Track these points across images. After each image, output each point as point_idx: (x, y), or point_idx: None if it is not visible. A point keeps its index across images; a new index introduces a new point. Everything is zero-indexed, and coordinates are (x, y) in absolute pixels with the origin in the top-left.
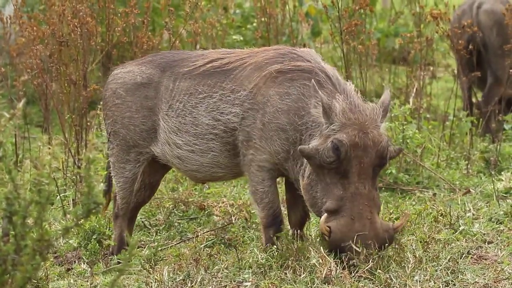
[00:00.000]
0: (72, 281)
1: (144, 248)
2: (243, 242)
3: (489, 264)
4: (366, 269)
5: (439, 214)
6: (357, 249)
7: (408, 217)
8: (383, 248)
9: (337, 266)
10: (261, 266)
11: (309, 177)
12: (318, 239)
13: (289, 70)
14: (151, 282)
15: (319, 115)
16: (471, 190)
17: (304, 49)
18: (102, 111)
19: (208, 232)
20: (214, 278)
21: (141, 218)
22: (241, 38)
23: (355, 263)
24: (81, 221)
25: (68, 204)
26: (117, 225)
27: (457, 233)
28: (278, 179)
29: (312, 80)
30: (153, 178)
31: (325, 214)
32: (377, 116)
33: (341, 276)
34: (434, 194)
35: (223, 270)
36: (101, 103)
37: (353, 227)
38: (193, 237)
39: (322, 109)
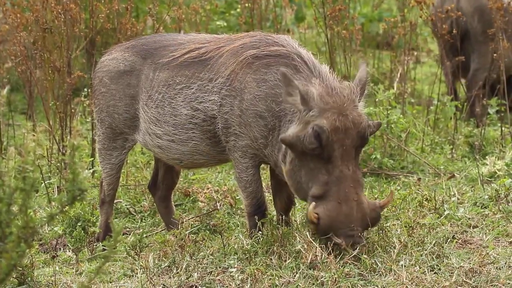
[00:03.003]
0: (57, 268)
1: (129, 234)
2: (228, 228)
3: (474, 248)
4: (352, 254)
5: (424, 199)
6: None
7: (394, 195)
8: (372, 227)
9: (323, 251)
10: (246, 252)
11: (291, 162)
12: (305, 225)
13: (265, 55)
14: (137, 269)
15: (296, 103)
16: (455, 174)
17: (280, 35)
18: (91, 99)
19: (193, 219)
20: (199, 265)
21: (126, 205)
22: (225, 24)
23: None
24: (66, 208)
25: (53, 191)
26: (103, 212)
27: (442, 217)
28: (262, 165)
29: (283, 69)
30: None
31: (313, 203)
32: (355, 96)
33: (326, 262)
34: (419, 179)
35: (208, 256)
36: (90, 91)
37: (341, 211)
38: (178, 223)
39: (300, 96)
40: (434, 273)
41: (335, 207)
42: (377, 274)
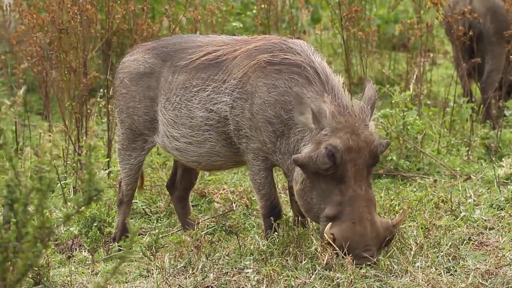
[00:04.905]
0: (73, 268)
1: (145, 235)
2: (244, 229)
3: (490, 250)
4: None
5: (440, 201)
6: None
7: (407, 213)
8: (385, 246)
9: (339, 253)
10: (262, 253)
11: (303, 183)
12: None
13: (278, 61)
14: (152, 269)
15: (308, 121)
16: (472, 176)
17: (295, 41)
18: (111, 100)
19: (209, 219)
20: (215, 265)
21: (142, 205)
22: (241, 25)
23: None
24: (82, 209)
25: (69, 191)
26: (121, 212)
27: (458, 219)
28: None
29: (296, 88)
30: None
31: (329, 224)
32: (366, 115)
33: (342, 263)
34: (435, 181)
35: (224, 257)
36: (106, 91)
37: (356, 231)
38: (194, 224)
39: (312, 115)
40: (450, 274)
41: (349, 228)
42: (393, 276)
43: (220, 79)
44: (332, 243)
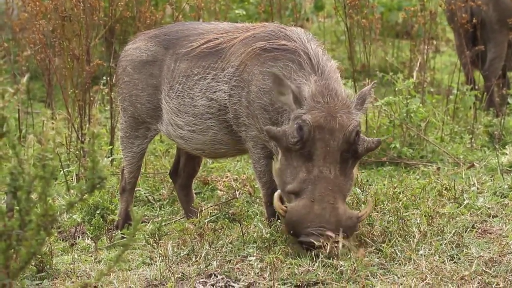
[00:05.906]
0: (76, 256)
1: (148, 223)
2: (247, 217)
3: (493, 238)
4: (372, 244)
5: (444, 188)
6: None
7: (372, 205)
8: (346, 236)
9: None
10: (265, 240)
11: (280, 161)
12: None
13: (273, 48)
14: (156, 257)
15: (289, 101)
16: (475, 164)
17: (293, 28)
18: (114, 87)
19: (212, 207)
20: (218, 253)
21: (145, 193)
22: (244, 13)
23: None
24: (85, 196)
25: (72, 179)
26: (124, 199)
27: (461, 207)
28: None
29: (274, 70)
30: None
31: (277, 192)
32: (351, 102)
33: (346, 251)
34: (438, 168)
35: (227, 245)
36: (109, 79)
37: (312, 210)
38: (197, 212)
39: (292, 95)
40: (454, 262)
41: (306, 205)
42: (396, 263)
43: (219, 67)
44: (283, 215)
